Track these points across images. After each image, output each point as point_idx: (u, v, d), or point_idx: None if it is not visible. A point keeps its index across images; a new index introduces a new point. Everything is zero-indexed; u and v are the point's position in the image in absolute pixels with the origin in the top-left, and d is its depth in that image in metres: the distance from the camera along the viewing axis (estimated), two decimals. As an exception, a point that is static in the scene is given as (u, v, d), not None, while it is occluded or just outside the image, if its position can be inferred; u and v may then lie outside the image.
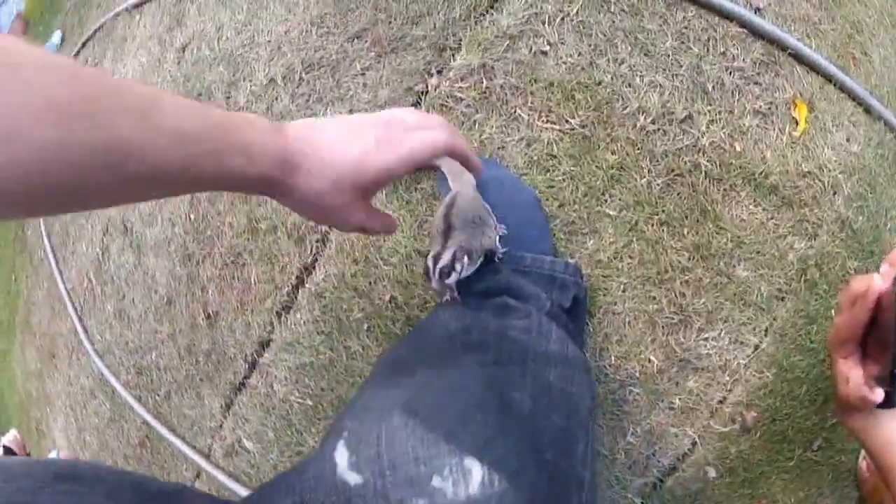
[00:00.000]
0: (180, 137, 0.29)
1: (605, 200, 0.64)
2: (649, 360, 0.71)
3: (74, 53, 1.43)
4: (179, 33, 0.86)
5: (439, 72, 0.63)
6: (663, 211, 0.67)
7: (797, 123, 0.81)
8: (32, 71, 0.24)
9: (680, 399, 0.75)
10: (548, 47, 0.64)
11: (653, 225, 0.66)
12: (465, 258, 0.47)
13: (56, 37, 2.78)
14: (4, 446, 1.90)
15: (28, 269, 1.55)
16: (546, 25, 0.65)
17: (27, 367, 1.52)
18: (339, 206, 0.38)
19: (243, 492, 0.82)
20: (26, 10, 2.94)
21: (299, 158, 0.35)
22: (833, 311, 0.78)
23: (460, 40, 0.63)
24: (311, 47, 0.67)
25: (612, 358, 0.68)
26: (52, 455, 1.29)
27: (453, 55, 0.63)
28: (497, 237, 0.55)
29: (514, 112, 0.61)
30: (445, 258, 0.46)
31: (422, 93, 0.63)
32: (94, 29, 1.28)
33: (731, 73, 0.76)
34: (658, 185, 0.67)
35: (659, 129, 0.68)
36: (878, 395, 0.47)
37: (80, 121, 0.25)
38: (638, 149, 0.65)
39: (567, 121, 0.62)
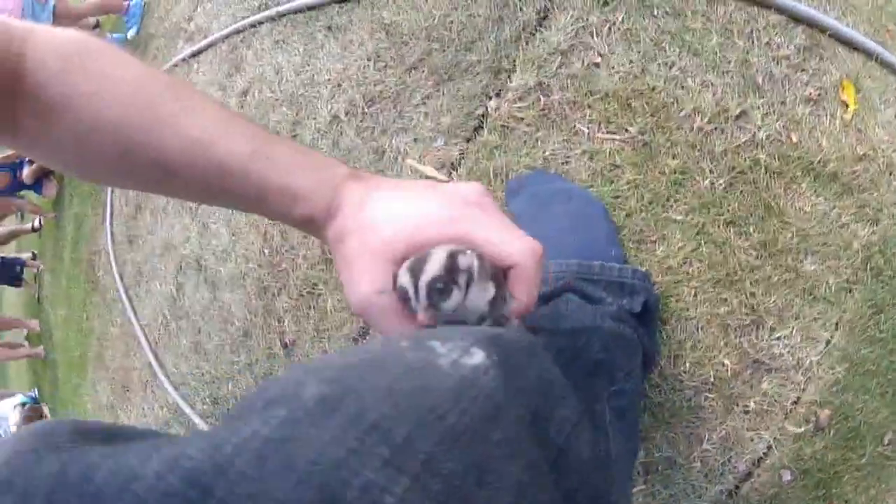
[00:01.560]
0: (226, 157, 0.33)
1: (671, 206, 0.64)
2: (723, 364, 0.70)
3: None
4: (239, 78, 0.90)
5: (497, 94, 0.64)
6: (728, 211, 0.66)
7: (847, 106, 0.79)
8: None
9: (755, 402, 0.74)
10: (599, 59, 0.64)
11: (719, 226, 0.66)
12: (476, 263, 0.31)
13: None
14: None
15: (100, 308, 1.62)
16: (595, 37, 0.66)
17: (99, 401, 1.58)
18: (355, 270, 0.32)
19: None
20: None
21: (345, 205, 0.33)
22: (903, 298, 0.76)
23: (514, 61, 0.64)
24: (370, 82, 0.69)
25: (687, 364, 0.67)
26: None
27: (509, 76, 0.64)
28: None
29: (574, 126, 0.62)
30: (433, 268, 0.30)
31: (483, 116, 0.64)
32: None
33: (777, 63, 0.76)
34: (721, 185, 0.66)
35: (716, 129, 0.67)
36: None
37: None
38: (698, 150, 0.65)
39: (626, 130, 0.62)
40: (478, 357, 0.26)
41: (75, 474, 0.21)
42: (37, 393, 3.87)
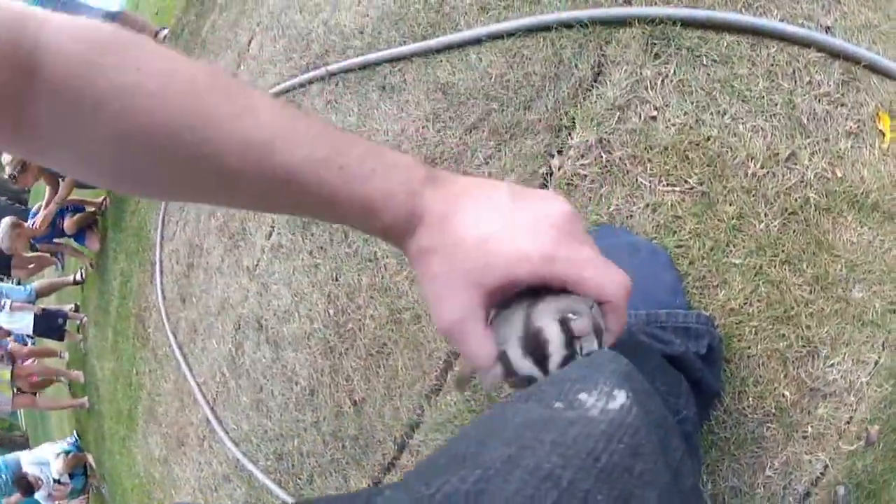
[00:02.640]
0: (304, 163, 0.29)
1: (730, 251, 0.67)
2: (783, 396, 0.73)
3: None
4: None
5: (559, 152, 0.67)
6: (783, 251, 0.69)
7: (884, 135, 0.82)
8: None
9: (812, 426, 0.77)
10: (655, 112, 0.67)
11: (775, 266, 0.69)
12: (589, 325, 0.30)
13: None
14: None
15: (151, 364, 1.63)
16: (649, 90, 0.69)
17: (150, 453, 1.59)
18: (442, 292, 0.31)
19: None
20: None
21: (427, 216, 0.31)
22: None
23: (573, 118, 0.67)
24: (430, 142, 0.72)
25: (750, 399, 0.70)
26: None
27: (569, 134, 0.66)
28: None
29: (636, 181, 0.65)
30: (556, 349, 0.30)
31: (547, 174, 0.67)
32: None
33: (819, 101, 0.78)
34: (775, 226, 0.69)
35: (768, 173, 0.70)
36: None
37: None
38: (752, 196, 0.68)
39: (685, 181, 0.65)
40: (620, 398, 0.28)
41: None
42: (77, 439, 3.87)
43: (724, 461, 0.71)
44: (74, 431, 4.03)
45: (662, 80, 0.68)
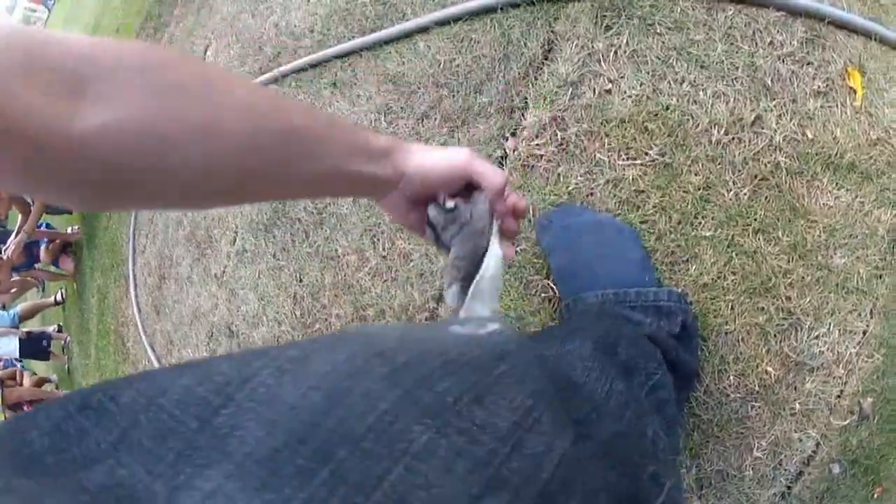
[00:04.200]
0: (335, 132, 0.35)
1: (699, 223, 0.64)
2: (766, 372, 0.70)
3: None
4: None
5: (513, 133, 0.64)
6: (755, 219, 0.66)
7: (854, 92, 0.79)
8: (225, 83, 0.29)
9: (800, 403, 0.74)
10: (610, 85, 0.65)
11: (748, 236, 0.66)
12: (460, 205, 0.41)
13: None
14: None
15: None
16: (602, 63, 0.66)
17: None
18: (396, 206, 0.41)
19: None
20: None
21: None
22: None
23: (525, 98, 0.64)
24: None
25: (731, 377, 0.67)
26: None
27: (522, 114, 0.64)
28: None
29: (594, 157, 0.62)
30: (432, 211, 0.41)
31: (502, 157, 0.64)
32: None
33: (783, 61, 0.76)
34: (745, 194, 0.66)
35: (734, 139, 0.67)
36: None
37: (265, 117, 0.30)
38: (718, 164, 0.65)
39: (646, 153, 0.63)
40: (492, 327, 0.31)
41: (95, 401, 0.22)
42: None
43: (709, 444, 0.68)
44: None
45: (615, 52, 0.65)
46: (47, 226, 3.38)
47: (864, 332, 0.76)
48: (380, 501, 0.19)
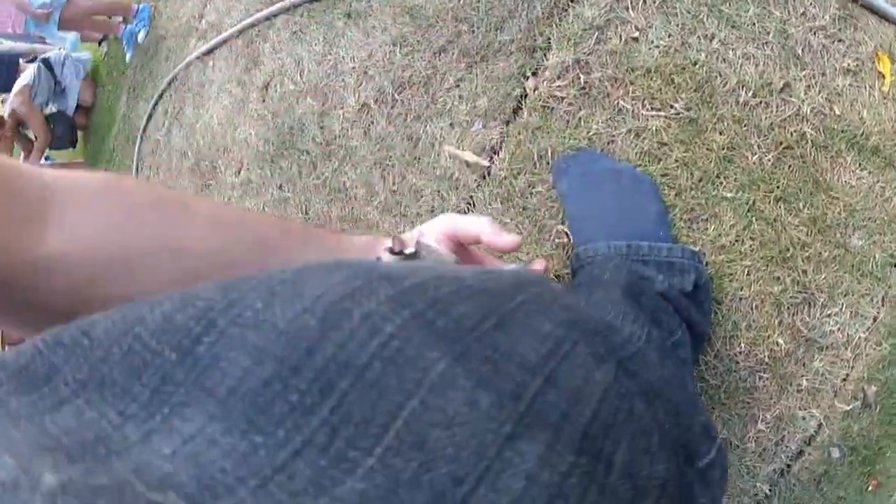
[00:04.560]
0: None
1: (721, 183, 0.61)
2: (777, 344, 0.67)
3: (151, 107, 1.46)
4: (258, 72, 0.86)
5: (534, 73, 0.61)
6: (778, 187, 0.64)
7: (884, 77, 0.77)
8: (191, 200, 0.29)
9: (807, 380, 0.73)
10: (637, 33, 0.62)
11: (770, 203, 0.63)
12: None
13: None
14: None
15: None
16: (630, 11, 0.63)
17: None
18: None
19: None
20: (92, 70, 3.03)
21: None
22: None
23: (549, 39, 0.61)
24: (397, 67, 0.66)
25: (742, 345, 0.65)
26: None
27: (545, 55, 0.61)
28: None
29: (618, 104, 0.59)
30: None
31: (521, 97, 0.61)
32: (168, 81, 1.30)
33: (815, 34, 0.73)
34: (769, 160, 0.64)
35: (761, 102, 0.65)
36: None
37: (233, 229, 0.29)
38: (744, 126, 0.63)
39: (671, 106, 0.60)
40: (509, 267, 0.28)
41: (68, 336, 0.19)
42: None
43: (715, 411, 0.66)
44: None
45: (644, 1, 0.63)
46: (50, 161, 3.30)
47: (875, 319, 0.75)
48: (393, 446, 0.16)
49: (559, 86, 0.59)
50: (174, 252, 0.26)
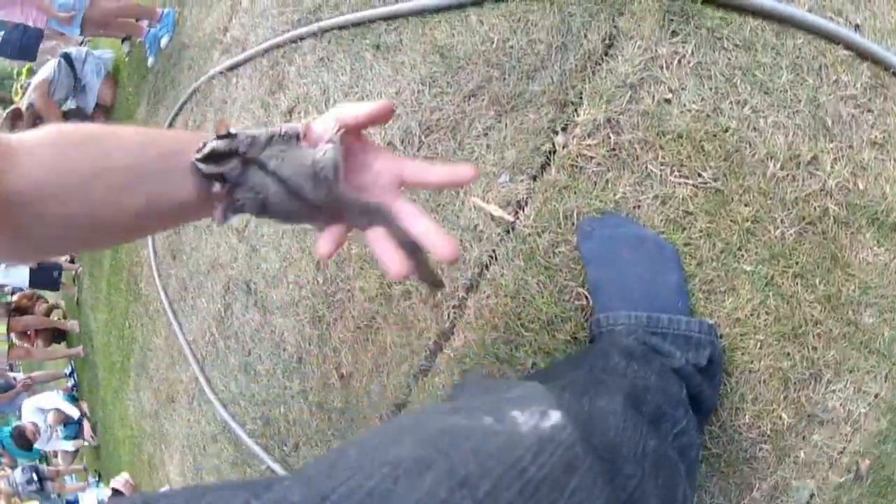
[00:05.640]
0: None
1: (742, 256, 0.60)
2: (780, 418, 0.67)
3: (172, 116, 1.43)
4: (283, 96, 0.84)
5: (564, 129, 0.59)
6: (797, 263, 0.63)
7: (909, 150, 0.77)
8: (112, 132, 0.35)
9: (804, 452, 0.72)
10: (670, 94, 0.60)
11: (788, 278, 0.62)
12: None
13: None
14: (113, 489, 1.95)
15: (143, 318, 1.58)
16: (664, 70, 0.62)
17: (142, 407, 1.54)
18: None
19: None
20: (113, 69, 2.98)
21: None
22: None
23: (580, 93, 0.60)
24: (426, 108, 0.64)
25: (747, 417, 0.64)
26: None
27: (576, 110, 0.59)
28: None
29: (646, 168, 0.58)
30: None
31: (550, 152, 0.59)
32: (190, 92, 1.27)
33: (845, 103, 0.73)
34: (791, 235, 0.63)
35: (788, 175, 0.64)
36: None
37: (143, 147, 0.34)
38: (770, 199, 0.62)
39: (699, 174, 0.59)
40: (555, 417, 0.30)
41: None
42: (76, 382, 3.86)
43: (714, 478, 0.65)
44: (72, 370, 4.04)
45: (679, 61, 0.61)
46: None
47: (876, 395, 0.75)
48: None
49: (589, 144, 0.58)
50: (100, 172, 0.32)
